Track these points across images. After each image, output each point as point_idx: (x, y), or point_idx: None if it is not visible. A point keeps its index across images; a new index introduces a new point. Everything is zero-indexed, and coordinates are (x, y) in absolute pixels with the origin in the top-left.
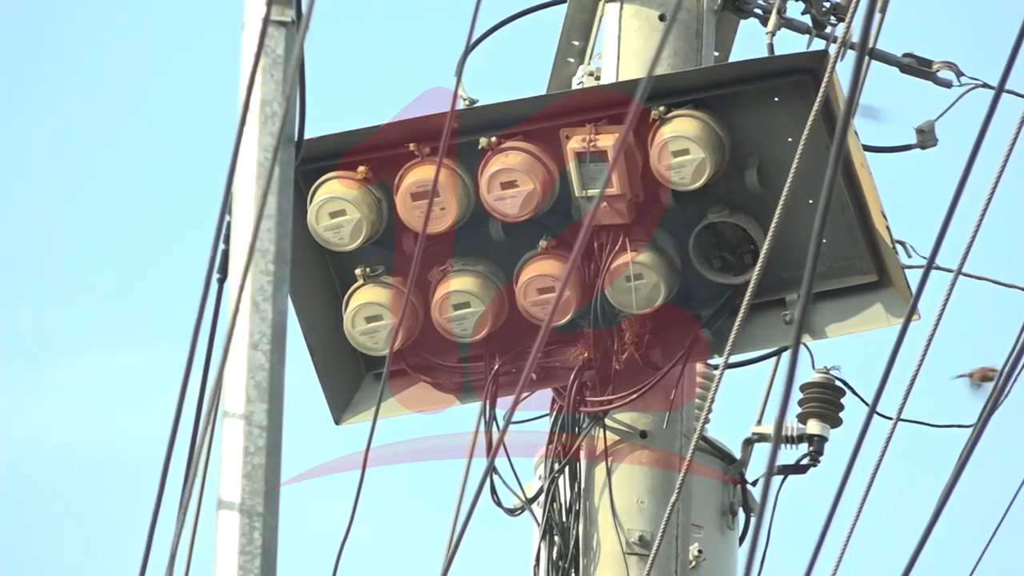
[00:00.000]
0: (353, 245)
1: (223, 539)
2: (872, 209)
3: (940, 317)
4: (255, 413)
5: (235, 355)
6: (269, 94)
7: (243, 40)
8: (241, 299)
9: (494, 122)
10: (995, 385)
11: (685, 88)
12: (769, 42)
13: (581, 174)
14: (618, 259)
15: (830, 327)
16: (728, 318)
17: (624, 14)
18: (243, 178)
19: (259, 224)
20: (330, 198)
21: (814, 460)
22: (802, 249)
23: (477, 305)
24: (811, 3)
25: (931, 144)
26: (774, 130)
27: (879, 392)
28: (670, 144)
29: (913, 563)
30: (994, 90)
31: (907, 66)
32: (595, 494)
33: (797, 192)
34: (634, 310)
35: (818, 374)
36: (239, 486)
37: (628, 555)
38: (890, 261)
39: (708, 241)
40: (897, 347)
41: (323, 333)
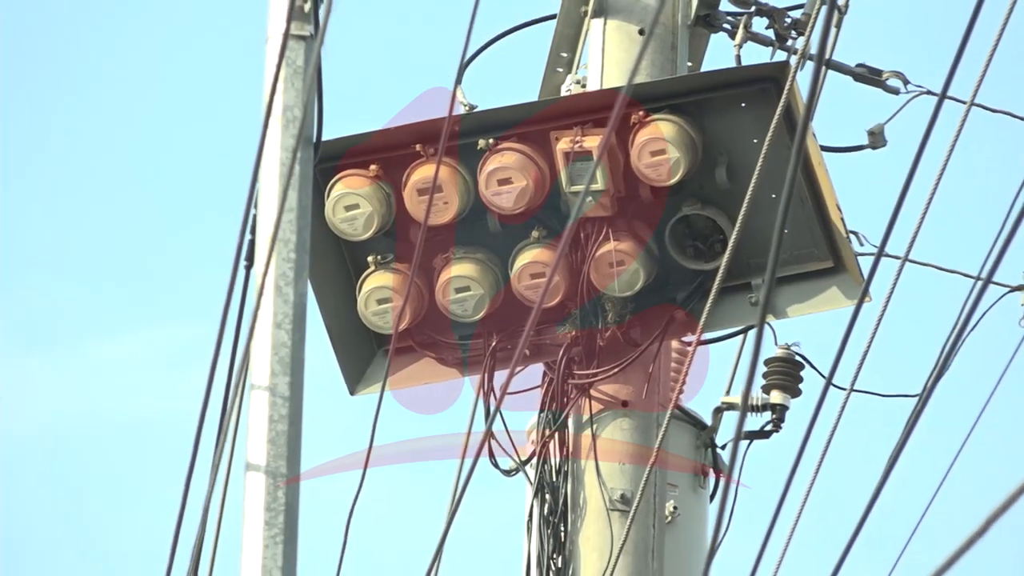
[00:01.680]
0: (366, 235)
1: (251, 497)
2: (828, 203)
3: (889, 299)
4: (279, 385)
5: (260, 334)
6: (290, 100)
7: (266, 52)
8: (265, 284)
9: (491, 125)
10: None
11: (662, 95)
12: (737, 54)
13: (569, 172)
14: (602, 248)
15: (791, 308)
16: (700, 300)
17: (607, 29)
18: (267, 176)
19: (281, 217)
20: (345, 193)
21: (776, 426)
22: (766, 238)
23: (476, 289)
24: (774, 19)
25: (881, 145)
26: (741, 132)
27: (834, 366)
28: (648, 145)
29: (865, 517)
30: (937, 96)
31: (859, 75)
32: (582, 455)
33: (761, 188)
34: (616, 293)
35: (780, 350)
36: (264, 450)
37: (611, 511)
38: (844, 249)
39: (682, 232)
40: (850, 326)
41: (339, 314)
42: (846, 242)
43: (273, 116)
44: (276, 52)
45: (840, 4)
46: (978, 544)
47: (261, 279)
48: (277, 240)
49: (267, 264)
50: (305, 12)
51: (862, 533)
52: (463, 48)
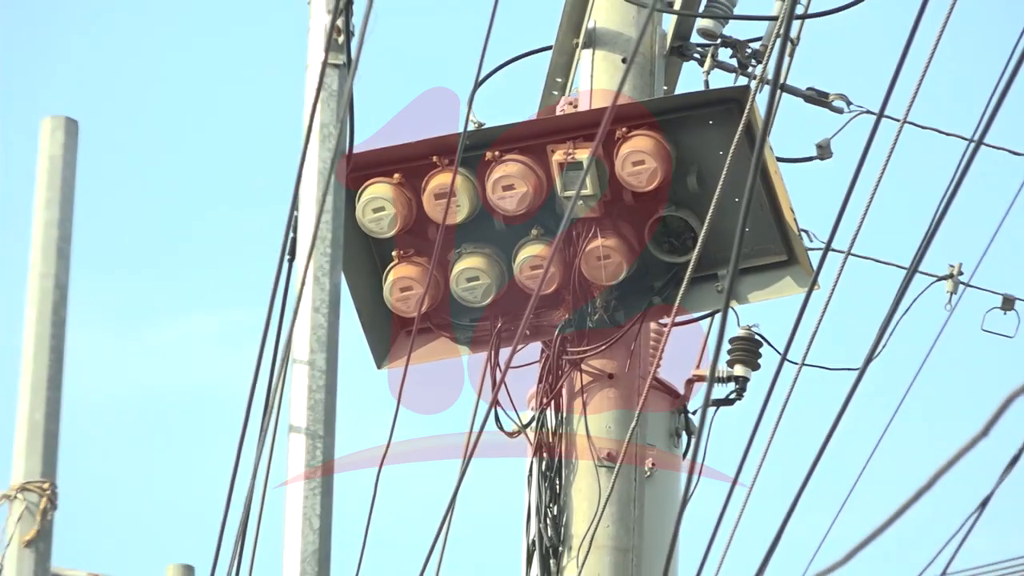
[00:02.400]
0: (390, 233)
1: (293, 455)
2: (783, 205)
3: (835, 287)
4: (317, 360)
5: (301, 317)
6: (326, 119)
7: (307, 78)
8: (306, 274)
9: (497, 139)
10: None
11: (641, 114)
12: (705, 79)
13: (563, 179)
14: (591, 244)
15: (751, 295)
16: (674, 288)
17: (595, 58)
18: (307, 183)
19: (319, 218)
20: (373, 197)
21: (739, 395)
22: (730, 236)
23: (484, 279)
24: (736, 49)
25: (827, 156)
26: (709, 146)
27: (788, 344)
28: (630, 156)
29: (811, 474)
30: (875, 115)
31: (809, 97)
32: (574, 421)
33: (726, 193)
34: (603, 282)
35: (742, 330)
36: (305, 415)
37: (599, 468)
38: (796, 245)
39: (659, 230)
40: (802, 310)
41: (367, 300)
42: (798, 239)
43: (312, 132)
44: (315, 78)
45: (793, 37)
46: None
47: (302, 270)
48: (316, 237)
49: (307, 258)
50: (339, 44)
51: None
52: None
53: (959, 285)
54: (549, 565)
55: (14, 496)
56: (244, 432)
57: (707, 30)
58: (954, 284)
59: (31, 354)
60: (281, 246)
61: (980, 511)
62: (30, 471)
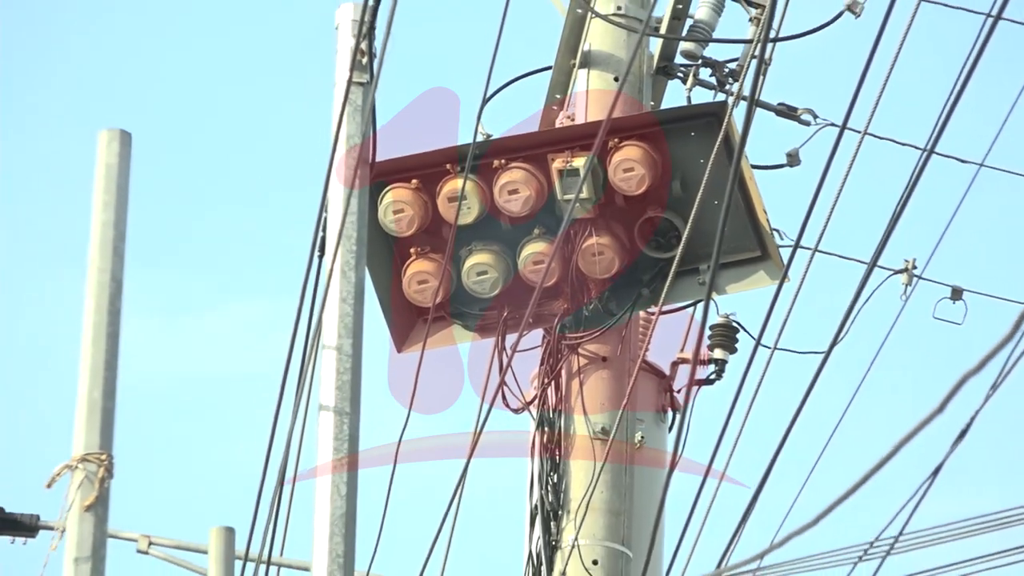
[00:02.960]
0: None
1: (323, 430)
2: (757, 207)
3: (803, 280)
4: (344, 345)
5: (330, 306)
6: (352, 131)
7: (334, 95)
8: (333, 268)
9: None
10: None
11: (631, 127)
12: (688, 95)
13: (562, 184)
14: (587, 241)
15: (729, 287)
16: (660, 281)
17: (590, 77)
18: (334, 187)
19: (345, 218)
20: (393, 200)
21: (718, 375)
22: (711, 234)
23: (492, 272)
24: (716, 69)
25: (796, 164)
26: (691, 154)
27: (762, 330)
28: (622, 164)
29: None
30: (839, 127)
31: (780, 111)
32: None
33: (707, 196)
34: (597, 276)
35: (721, 318)
36: (333, 395)
37: (594, 440)
38: (769, 242)
39: (648, 228)
40: (774, 300)
41: (388, 292)
42: (771, 237)
43: (339, 142)
44: (341, 94)
45: (766, 58)
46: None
47: (330, 265)
48: (342, 236)
49: (335, 254)
50: (363, 64)
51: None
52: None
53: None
54: (550, 526)
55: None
56: (278, 410)
57: (689, 52)
58: (909, 277)
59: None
60: (311, 244)
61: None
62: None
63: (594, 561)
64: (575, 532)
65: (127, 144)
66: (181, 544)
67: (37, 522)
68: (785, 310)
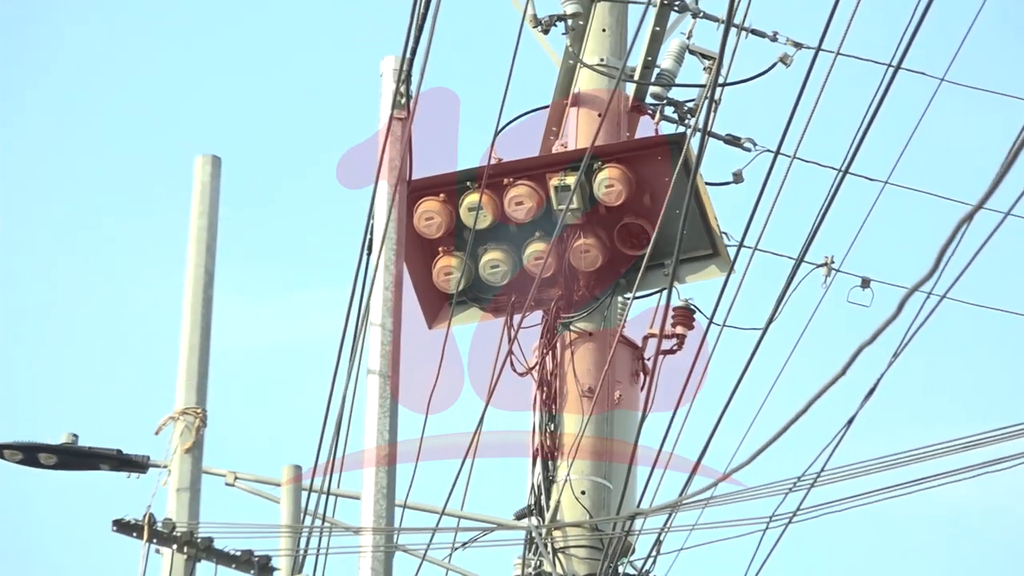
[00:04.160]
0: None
1: (371, 389)
2: (709, 214)
3: (746, 272)
4: (386, 323)
5: (376, 293)
6: (393, 155)
7: (379, 127)
8: (379, 263)
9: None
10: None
11: (611, 152)
12: (656, 127)
13: (556, 197)
14: (577, 242)
15: (688, 277)
16: (634, 273)
17: (580, 113)
18: (380, 199)
19: (388, 224)
20: (424, 210)
21: (679, 347)
22: (673, 236)
23: (503, 266)
24: (677, 108)
25: (740, 181)
26: (658, 174)
27: (713, 311)
28: (604, 181)
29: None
30: (773, 152)
31: (727, 140)
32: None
33: (670, 206)
34: (585, 269)
35: (681, 302)
36: (378, 361)
37: (583, 397)
38: (719, 242)
39: (624, 231)
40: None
41: (421, 281)
42: (720, 238)
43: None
44: (384, 127)
45: (716, 99)
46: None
47: (376, 261)
48: (385, 237)
49: (380, 251)
50: (402, 104)
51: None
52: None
53: (832, 270)
54: (548, 465)
55: (177, 417)
56: (336, 372)
57: (656, 94)
58: (828, 270)
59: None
60: (361, 243)
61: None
62: (188, 400)
63: (582, 492)
64: (567, 469)
65: (217, 166)
66: (261, 478)
67: (147, 461)
68: (731, 295)
